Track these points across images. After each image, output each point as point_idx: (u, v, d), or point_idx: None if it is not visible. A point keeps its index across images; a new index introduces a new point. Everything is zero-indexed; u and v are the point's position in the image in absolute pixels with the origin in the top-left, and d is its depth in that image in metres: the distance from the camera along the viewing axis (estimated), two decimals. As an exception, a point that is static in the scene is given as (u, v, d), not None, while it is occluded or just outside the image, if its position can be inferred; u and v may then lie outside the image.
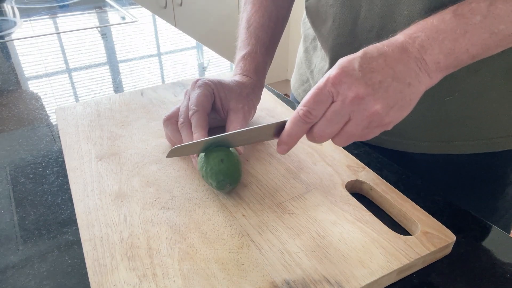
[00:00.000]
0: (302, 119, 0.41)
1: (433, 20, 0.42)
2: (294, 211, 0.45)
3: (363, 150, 0.58)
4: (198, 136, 0.48)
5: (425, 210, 0.45)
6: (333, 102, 0.40)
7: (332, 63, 0.63)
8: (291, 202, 0.46)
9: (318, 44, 0.68)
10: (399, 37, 0.42)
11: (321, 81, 0.41)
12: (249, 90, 0.56)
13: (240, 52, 0.60)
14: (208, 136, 0.50)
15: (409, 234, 0.43)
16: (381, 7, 0.51)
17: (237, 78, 0.57)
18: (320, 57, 0.67)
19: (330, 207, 0.45)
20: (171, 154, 0.46)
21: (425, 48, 0.40)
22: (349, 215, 0.44)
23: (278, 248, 0.40)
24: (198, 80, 0.53)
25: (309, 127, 0.42)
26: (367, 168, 0.51)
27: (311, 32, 0.70)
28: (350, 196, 0.47)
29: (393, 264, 0.38)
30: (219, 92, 0.53)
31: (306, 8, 0.65)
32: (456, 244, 0.42)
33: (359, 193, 0.50)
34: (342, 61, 0.41)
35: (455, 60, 0.41)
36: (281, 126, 0.44)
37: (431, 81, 0.42)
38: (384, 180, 0.49)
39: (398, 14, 0.50)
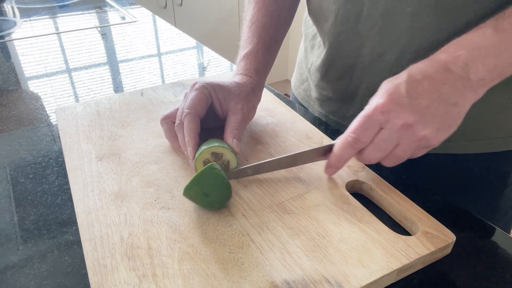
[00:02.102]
0: (351, 145, 0.43)
1: (473, 37, 0.42)
2: (294, 211, 0.45)
3: (363, 150, 0.58)
4: (189, 140, 0.49)
5: (425, 210, 0.45)
6: (381, 128, 0.41)
7: (329, 60, 0.62)
8: (291, 202, 0.46)
9: (316, 42, 0.68)
10: (441, 56, 0.42)
11: (369, 108, 0.42)
12: (248, 91, 0.56)
13: (241, 51, 0.61)
14: (202, 136, 0.51)
15: (409, 234, 0.43)
16: (384, 3, 0.51)
17: (237, 79, 0.57)
18: (316, 55, 0.68)
19: (330, 207, 0.45)
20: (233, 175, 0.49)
21: (469, 67, 0.41)
22: (349, 215, 0.44)
23: (278, 248, 0.40)
24: (196, 82, 0.53)
25: (358, 151, 0.44)
26: (367, 168, 0.51)
27: (311, 31, 0.70)
28: (350, 196, 0.47)
29: (393, 264, 0.38)
30: (217, 94, 0.53)
31: (309, 5, 0.65)
32: (456, 244, 0.42)
33: (359, 193, 0.50)
34: (387, 86, 0.42)
35: (499, 74, 0.42)
36: (328, 149, 0.46)
37: (476, 96, 0.42)
38: (384, 180, 0.49)
39: (401, 11, 0.50)
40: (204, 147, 0.48)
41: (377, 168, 0.53)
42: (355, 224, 0.43)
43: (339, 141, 0.45)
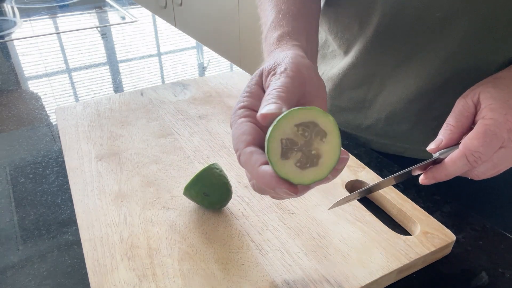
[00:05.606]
0: (469, 163, 0.38)
1: None
2: (294, 211, 0.45)
3: (363, 150, 0.58)
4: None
5: (425, 210, 0.45)
6: (501, 147, 0.39)
7: (351, 68, 0.60)
8: (291, 202, 0.46)
9: (327, 52, 0.66)
10: None
11: (493, 124, 0.38)
12: (271, 53, 0.40)
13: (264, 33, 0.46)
14: None
15: (409, 234, 0.43)
16: (411, 10, 0.50)
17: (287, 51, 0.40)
18: (330, 65, 0.65)
19: (330, 207, 0.45)
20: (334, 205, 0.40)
21: None
22: (349, 215, 0.44)
23: (278, 248, 0.40)
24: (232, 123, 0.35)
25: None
26: (367, 168, 0.51)
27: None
28: (350, 196, 0.47)
29: (393, 264, 0.38)
30: (258, 95, 0.36)
31: (323, 15, 0.63)
32: (456, 244, 0.42)
33: (359, 193, 0.50)
34: (506, 98, 0.39)
35: None
36: (432, 162, 0.42)
37: None
38: (384, 180, 0.49)
39: (429, 16, 0.49)
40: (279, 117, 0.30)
41: (377, 168, 0.53)
42: (355, 224, 0.43)
43: (453, 156, 0.39)
